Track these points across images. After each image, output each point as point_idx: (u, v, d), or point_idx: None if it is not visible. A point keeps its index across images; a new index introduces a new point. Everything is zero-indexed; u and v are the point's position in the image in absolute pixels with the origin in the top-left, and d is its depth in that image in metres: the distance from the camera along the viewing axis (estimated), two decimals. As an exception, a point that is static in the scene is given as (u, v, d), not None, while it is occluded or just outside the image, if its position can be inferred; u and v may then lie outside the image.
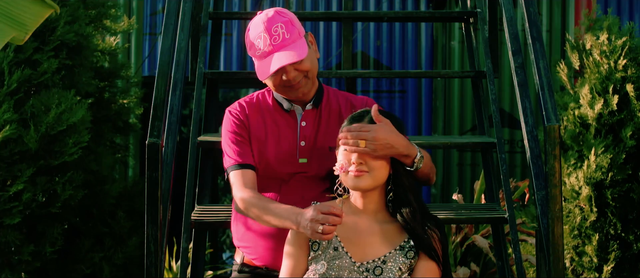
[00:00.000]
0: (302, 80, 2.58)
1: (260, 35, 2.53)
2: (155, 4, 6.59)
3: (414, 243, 2.35)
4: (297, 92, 2.60)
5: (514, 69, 3.13)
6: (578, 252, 4.11)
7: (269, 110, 2.69)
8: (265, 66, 2.55)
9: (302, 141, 2.65)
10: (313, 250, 2.40)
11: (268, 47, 2.53)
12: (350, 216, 2.41)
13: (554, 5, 6.37)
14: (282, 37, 2.53)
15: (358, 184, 2.37)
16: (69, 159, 4.18)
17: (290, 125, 2.67)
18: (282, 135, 2.66)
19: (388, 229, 2.38)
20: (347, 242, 2.38)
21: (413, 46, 6.52)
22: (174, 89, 3.16)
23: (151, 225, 2.69)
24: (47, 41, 4.32)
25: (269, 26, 2.53)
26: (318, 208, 2.27)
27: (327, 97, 2.72)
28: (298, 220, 2.33)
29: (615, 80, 4.10)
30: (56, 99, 4.21)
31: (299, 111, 2.67)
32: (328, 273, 2.35)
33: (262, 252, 2.65)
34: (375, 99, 6.53)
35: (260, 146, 2.64)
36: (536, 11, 3.06)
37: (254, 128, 2.65)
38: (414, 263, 2.35)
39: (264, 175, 2.65)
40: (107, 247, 4.53)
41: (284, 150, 2.65)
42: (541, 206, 2.80)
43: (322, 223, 2.24)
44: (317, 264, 2.37)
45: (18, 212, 4.02)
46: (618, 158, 4.00)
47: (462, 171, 6.44)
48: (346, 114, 2.66)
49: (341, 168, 2.35)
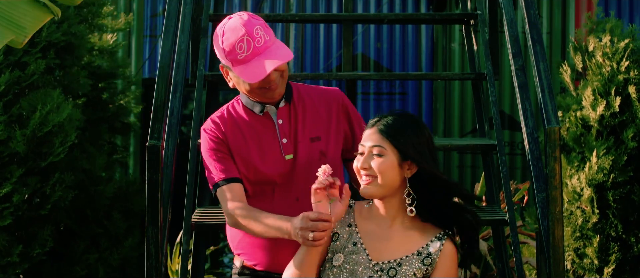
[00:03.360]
0: (280, 80, 2.59)
1: (242, 39, 2.50)
2: (156, 6, 6.59)
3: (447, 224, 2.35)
4: (274, 93, 2.60)
5: (514, 71, 3.13)
6: (579, 254, 4.10)
7: (243, 120, 2.67)
8: (251, 69, 2.51)
9: (284, 138, 2.65)
10: (333, 240, 2.41)
11: (252, 50, 2.50)
12: (373, 220, 2.41)
13: (554, 8, 6.38)
14: (263, 39, 2.52)
15: (366, 192, 2.36)
16: (56, 159, 4.16)
17: (268, 126, 2.67)
18: (262, 139, 2.65)
19: (409, 234, 2.38)
20: (367, 240, 2.39)
21: (413, 48, 6.52)
22: (175, 91, 3.16)
23: (152, 227, 2.69)
24: (35, 43, 4.32)
25: (250, 30, 2.50)
26: (306, 216, 2.28)
27: (297, 92, 2.72)
28: (288, 230, 2.35)
29: (618, 82, 4.10)
30: (42, 99, 4.19)
31: (272, 111, 2.66)
32: (344, 266, 2.36)
33: (260, 257, 2.66)
34: (375, 101, 6.54)
35: (243, 157, 2.63)
36: (536, 13, 3.06)
37: (232, 142, 2.64)
38: (431, 271, 2.34)
39: (255, 181, 2.65)
40: (102, 248, 4.51)
41: (268, 153, 2.64)
42: (541, 208, 2.80)
43: (312, 230, 2.24)
44: (334, 255, 2.38)
45: (9, 214, 4.01)
46: (620, 160, 4.00)
47: (462, 173, 6.44)
48: (322, 105, 2.69)
49: (324, 173, 2.34)
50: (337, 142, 2.70)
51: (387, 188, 2.35)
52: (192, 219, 3.19)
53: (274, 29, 6.54)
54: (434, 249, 2.34)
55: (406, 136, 2.34)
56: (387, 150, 2.34)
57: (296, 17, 4.60)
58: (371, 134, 2.38)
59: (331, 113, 2.71)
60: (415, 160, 2.33)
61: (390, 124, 2.37)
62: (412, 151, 2.33)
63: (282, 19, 5.22)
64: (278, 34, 6.54)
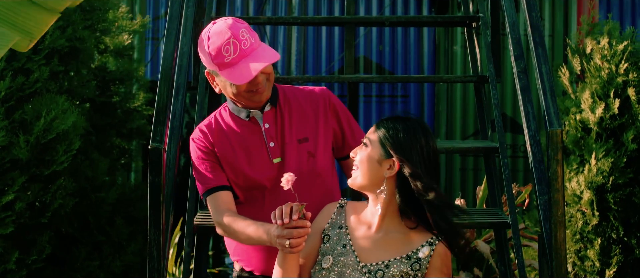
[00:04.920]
0: (266, 83, 2.59)
1: (229, 42, 2.50)
2: (158, 8, 6.60)
3: (436, 229, 2.33)
4: (261, 96, 2.60)
5: (516, 73, 3.13)
6: (580, 257, 4.10)
7: (230, 127, 2.68)
8: (238, 72, 2.51)
9: (271, 142, 2.65)
10: (323, 242, 2.43)
11: (238, 53, 2.50)
12: (364, 222, 2.42)
13: (556, 10, 6.38)
14: (249, 41, 2.53)
15: (350, 182, 2.42)
16: (59, 168, 4.15)
17: (255, 131, 2.67)
18: (249, 144, 2.66)
19: (399, 237, 2.38)
20: (356, 242, 2.39)
21: (415, 51, 6.52)
22: (177, 94, 3.16)
23: (153, 230, 2.69)
24: (38, 50, 4.31)
25: (235, 32, 2.51)
26: (281, 225, 2.29)
27: (284, 94, 2.73)
28: (269, 238, 2.37)
29: (617, 85, 4.10)
30: (47, 105, 4.18)
31: (258, 115, 2.67)
32: (332, 268, 2.37)
33: (256, 263, 2.68)
34: (377, 104, 6.54)
35: (231, 164, 2.64)
36: (538, 16, 3.06)
37: (220, 151, 2.64)
38: (420, 276, 2.34)
39: (245, 187, 2.66)
40: (105, 254, 4.50)
41: (255, 157, 2.65)
42: (544, 211, 2.80)
43: (288, 237, 2.25)
44: (323, 257, 2.40)
45: (11, 222, 3.99)
46: (619, 162, 4.00)
47: (464, 176, 6.45)
48: (308, 105, 2.69)
49: (287, 182, 2.33)
50: (326, 142, 2.70)
51: (365, 180, 2.37)
52: (194, 222, 3.19)
53: (276, 31, 6.56)
54: (423, 255, 2.33)
55: (395, 134, 2.34)
56: (373, 142, 2.36)
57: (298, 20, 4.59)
58: (372, 127, 2.42)
59: (318, 113, 2.71)
60: (398, 159, 2.31)
61: (388, 120, 2.39)
62: (396, 149, 2.31)
63: (284, 22, 5.22)
64: (280, 37, 6.54)
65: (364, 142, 2.39)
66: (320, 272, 2.38)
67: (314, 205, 2.49)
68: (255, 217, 2.53)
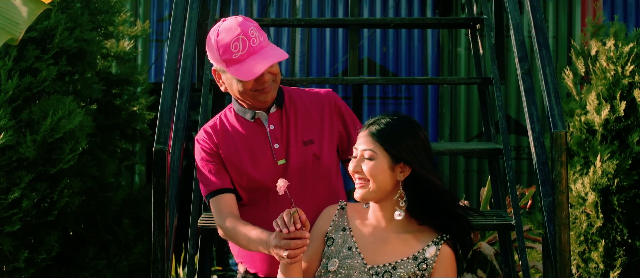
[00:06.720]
0: (272, 84, 2.59)
1: (238, 39, 2.51)
2: (162, 10, 6.61)
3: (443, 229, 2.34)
4: (267, 96, 2.59)
5: (520, 75, 3.13)
6: (584, 259, 4.10)
7: (234, 128, 2.67)
8: (246, 68, 2.51)
9: (276, 144, 2.64)
10: (327, 245, 2.41)
11: (247, 49, 2.51)
12: (368, 223, 2.41)
13: (560, 12, 6.38)
14: (258, 39, 2.53)
15: (360, 196, 2.36)
16: (65, 166, 4.16)
17: (260, 133, 2.66)
18: (254, 145, 2.65)
19: (405, 238, 2.37)
20: (362, 244, 2.39)
21: (419, 52, 6.52)
22: (181, 96, 3.16)
23: (158, 232, 2.69)
24: (47, 49, 4.32)
25: (245, 30, 2.51)
26: (279, 235, 2.27)
27: (289, 96, 2.72)
28: (266, 248, 2.36)
29: (623, 87, 4.09)
30: (54, 105, 4.19)
31: (263, 117, 2.66)
32: (339, 271, 2.36)
33: (259, 265, 2.67)
34: (381, 105, 6.55)
35: (235, 165, 2.63)
36: (542, 17, 3.06)
37: (225, 153, 2.64)
38: (426, 276, 2.33)
39: (249, 188, 2.65)
40: (112, 254, 4.51)
41: (260, 159, 2.64)
42: (548, 213, 2.80)
43: (285, 248, 2.24)
44: (329, 260, 2.38)
45: (18, 219, 4.01)
46: (624, 164, 3.99)
47: (468, 177, 6.44)
48: (314, 108, 2.68)
49: (280, 189, 2.32)
50: (331, 144, 2.69)
51: (380, 192, 2.34)
52: (198, 223, 3.20)
53: (280, 33, 6.56)
54: (430, 254, 2.33)
55: (397, 138, 2.33)
56: (378, 153, 2.33)
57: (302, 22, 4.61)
58: (363, 137, 2.38)
59: (324, 115, 2.70)
60: (408, 162, 2.31)
61: (381, 127, 2.36)
62: (404, 153, 2.31)
63: (289, 24, 5.23)
64: (284, 38, 6.55)
65: (366, 155, 2.35)
66: (326, 274, 2.37)
67: (318, 207, 2.49)
68: (259, 218, 2.53)
